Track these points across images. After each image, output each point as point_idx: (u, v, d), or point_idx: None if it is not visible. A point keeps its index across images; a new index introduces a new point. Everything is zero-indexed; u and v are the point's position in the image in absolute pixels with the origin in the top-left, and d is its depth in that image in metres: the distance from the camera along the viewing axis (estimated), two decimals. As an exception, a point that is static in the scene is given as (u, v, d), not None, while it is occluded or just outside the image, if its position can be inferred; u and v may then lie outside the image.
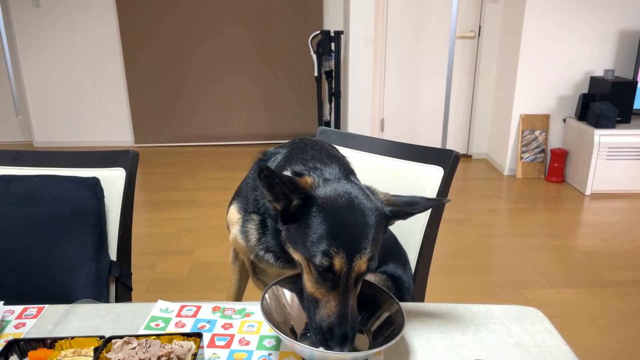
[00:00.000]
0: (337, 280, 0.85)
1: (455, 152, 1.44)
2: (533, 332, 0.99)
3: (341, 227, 0.85)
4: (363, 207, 0.88)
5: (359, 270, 0.85)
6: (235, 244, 1.18)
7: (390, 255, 1.35)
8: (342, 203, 0.88)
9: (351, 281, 0.86)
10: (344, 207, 0.87)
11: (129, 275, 1.44)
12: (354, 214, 0.87)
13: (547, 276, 2.82)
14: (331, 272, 0.85)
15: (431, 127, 4.82)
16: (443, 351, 0.94)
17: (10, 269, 1.35)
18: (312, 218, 0.87)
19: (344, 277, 0.85)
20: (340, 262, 0.84)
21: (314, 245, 0.85)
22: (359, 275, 0.87)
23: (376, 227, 0.88)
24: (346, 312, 0.85)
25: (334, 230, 0.85)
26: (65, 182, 1.38)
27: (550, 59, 4.18)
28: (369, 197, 0.92)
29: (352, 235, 0.85)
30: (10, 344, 0.88)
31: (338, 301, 0.85)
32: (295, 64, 5.05)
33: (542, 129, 4.32)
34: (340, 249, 0.84)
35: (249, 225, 1.12)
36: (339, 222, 0.86)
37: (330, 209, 0.87)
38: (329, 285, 0.86)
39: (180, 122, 5.25)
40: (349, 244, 0.85)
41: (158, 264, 2.91)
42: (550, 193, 4.13)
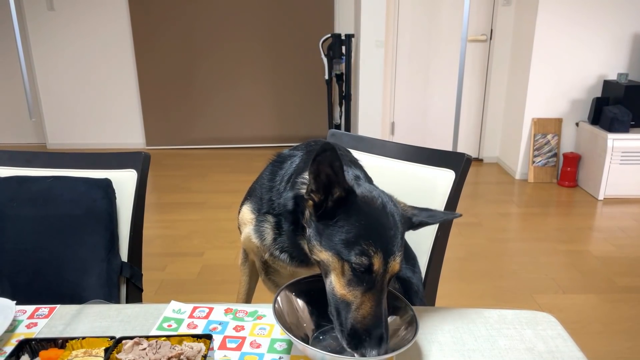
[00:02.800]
0: (373, 281, 0.85)
1: (466, 155, 1.43)
2: (546, 338, 0.98)
3: (379, 228, 0.86)
4: (394, 211, 0.90)
5: (392, 271, 0.87)
6: (248, 243, 1.18)
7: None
8: (378, 204, 0.89)
9: (385, 282, 0.87)
10: (380, 209, 0.88)
11: (139, 276, 1.45)
12: (388, 216, 0.88)
13: (559, 281, 2.79)
14: (368, 273, 0.84)
15: (442, 131, 4.80)
16: (454, 356, 0.93)
17: (22, 269, 1.36)
18: (351, 216, 0.86)
19: (379, 277, 0.85)
20: (379, 261, 0.84)
21: (352, 244, 0.84)
22: (392, 276, 0.88)
23: (403, 232, 0.91)
24: (381, 312, 0.85)
25: (373, 231, 0.85)
26: (78, 183, 1.39)
27: (562, 62, 4.14)
28: (395, 203, 0.94)
29: (388, 237, 0.86)
30: (22, 343, 0.89)
31: (374, 302, 0.85)
32: (305, 67, 5.05)
33: (554, 133, 4.28)
34: (379, 249, 0.84)
35: (264, 225, 1.11)
36: (377, 222, 0.87)
37: (369, 208, 0.88)
38: (365, 286, 0.85)
39: (191, 125, 5.28)
40: (385, 244, 0.85)
41: (168, 265, 2.92)
42: (563, 197, 4.09)
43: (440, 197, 1.45)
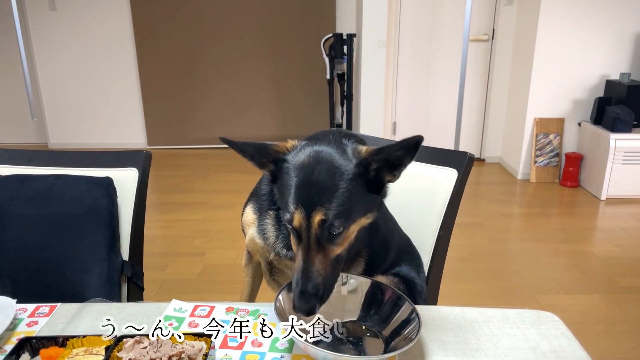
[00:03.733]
0: (300, 236, 0.89)
1: (469, 154, 1.42)
2: (549, 337, 0.97)
3: (303, 185, 0.88)
4: (330, 165, 0.89)
5: (315, 226, 0.87)
6: (253, 244, 1.17)
7: (404, 257, 1.34)
8: (308, 162, 0.90)
9: (312, 237, 0.87)
10: (309, 166, 0.89)
11: (140, 275, 1.44)
12: (317, 172, 0.88)
13: (561, 282, 2.78)
14: (293, 228, 0.89)
15: (444, 131, 4.80)
16: (457, 355, 0.92)
17: (23, 268, 1.36)
18: (283, 179, 0.91)
19: (305, 233, 0.88)
20: (299, 217, 0.87)
21: (284, 203, 0.91)
22: (321, 231, 0.87)
23: (344, 184, 0.87)
24: (307, 268, 0.87)
25: (296, 188, 0.88)
26: (79, 182, 1.39)
27: (565, 62, 4.13)
28: (346, 156, 0.90)
29: (313, 192, 0.87)
30: (22, 342, 0.88)
31: (301, 257, 0.89)
32: (307, 67, 5.05)
33: (556, 133, 4.27)
34: (299, 204, 0.87)
35: (266, 223, 1.11)
36: (301, 180, 0.89)
37: (296, 168, 0.90)
38: (296, 241, 0.90)
39: (192, 125, 5.28)
40: (308, 200, 0.87)
41: (169, 265, 2.92)
42: (565, 198, 4.08)
43: (442, 197, 1.44)
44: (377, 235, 1.24)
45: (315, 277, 0.88)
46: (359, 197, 0.89)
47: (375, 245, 1.22)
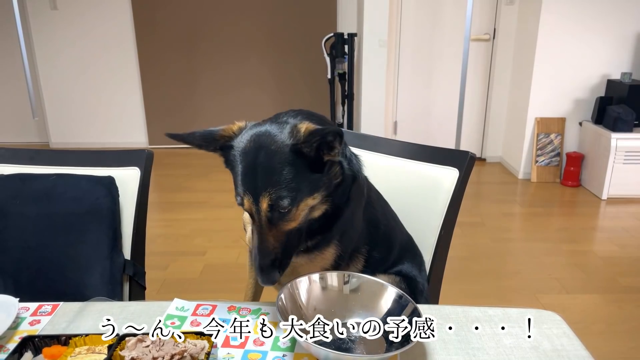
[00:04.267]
0: (254, 218, 0.95)
1: (470, 154, 1.43)
2: (551, 337, 0.97)
3: (247, 171, 0.93)
4: (268, 149, 0.92)
5: (264, 209, 0.92)
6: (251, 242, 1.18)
7: (406, 255, 1.34)
8: (249, 148, 0.94)
9: (263, 219, 0.94)
10: (251, 152, 0.93)
11: (142, 274, 1.44)
12: (259, 155, 0.92)
13: (562, 281, 2.78)
14: (249, 212, 0.95)
15: (445, 130, 4.80)
16: (459, 354, 0.92)
17: (25, 267, 1.36)
18: (231, 164, 0.96)
19: (256, 215, 0.94)
20: (248, 202, 0.93)
21: (235, 187, 0.95)
22: (270, 213, 0.93)
23: (285, 166, 0.91)
24: (262, 246, 0.94)
25: (242, 174, 0.93)
26: (81, 181, 1.39)
27: (566, 61, 4.13)
28: (284, 137, 0.93)
29: (257, 178, 0.92)
30: (25, 340, 0.88)
31: (257, 237, 0.95)
32: (308, 67, 5.05)
33: (557, 133, 4.27)
34: (246, 190, 0.93)
35: None
36: (245, 166, 0.93)
37: (240, 154, 0.94)
38: (251, 221, 0.97)
39: (193, 124, 5.27)
40: (253, 185, 0.92)
41: (170, 264, 2.92)
42: (566, 197, 4.08)
43: (444, 196, 1.44)
44: (376, 231, 1.24)
45: (270, 253, 0.95)
46: (301, 176, 0.93)
47: (375, 242, 1.23)
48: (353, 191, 1.09)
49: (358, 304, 1.00)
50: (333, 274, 1.02)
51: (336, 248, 1.10)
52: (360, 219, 1.17)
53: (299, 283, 0.98)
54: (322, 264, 1.10)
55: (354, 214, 1.13)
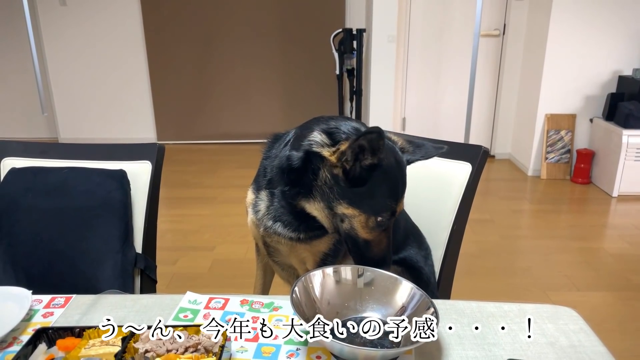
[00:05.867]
0: (388, 224, 1.04)
1: (484, 148, 1.41)
2: (568, 332, 0.96)
3: (396, 184, 1.04)
4: (400, 160, 1.05)
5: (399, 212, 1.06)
6: (250, 224, 1.22)
7: (412, 242, 1.33)
8: (391, 161, 1.02)
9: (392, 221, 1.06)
10: (394, 164, 1.03)
11: (154, 267, 1.44)
12: (399, 168, 1.04)
13: (573, 279, 2.76)
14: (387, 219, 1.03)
15: (453, 127, 4.77)
16: (474, 349, 0.91)
17: (37, 260, 1.36)
18: (378, 177, 1.00)
19: (393, 220, 1.06)
20: (397, 210, 1.04)
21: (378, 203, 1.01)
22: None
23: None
24: (390, 242, 1.07)
25: (393, 188, 1.03)
26: (93, 174, 1.39)
27: (577, 57, 4.09)
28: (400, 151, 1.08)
29: (401, 189, 1.05)
30: (39, 332, 0.88)
31: (388, 239, 1.06)
32: (316, 62, 5.03)
33: (568, 129, 4.23)
34: (396, 201, 1.03)
35: (259, 199, 1.16)
36: (394, 180, 1.03)
37: (388, 167, 1.01)
38: (381, 229, 1.04)
39: (201, 120, 5.28)
40: (399, 196, 1.05)
41: (179, 259, 2.93)
42: (576, 194, 4.05)
43: (456, 190, 1.43)
44: None
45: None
46: None
47: None
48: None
49: (372, 298, 0.99)
50: (347, 268, 1.01)
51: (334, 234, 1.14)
52: None
53: (313, 277, 0.97)
54: (320, 248, 1.15)
55: None
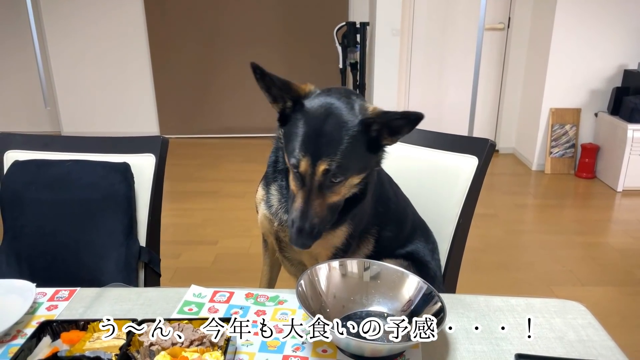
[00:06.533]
0: (303, 180, 0.97)
1: (490, 141, 1.40)
2: (576, 327, 0.95)
3: (312, 134, 0.96)
4: (339, 119, 0.96)
5: (319, 174, 0.95)
6: (262, 220, 1.20)
7: (419, 236, 1.32)
8: (320, 113, 0.97)
9: (315, 183, 0.97)
10: (321, 117, 0.96)
11: (157, 261, 1.44)
12: (327, 123, 0.96)
13: (577, 274, 2.75)
14: (298, 172, 0.97)
15: (457, 121, 4.74)
16: (482, 344, 0.90)
17: (41, 253, 1.36)
18: (293, 123, 0.98)
19: (308, 178, 0.96)
20: (305, 164, 0.95)
21: (292, 147, 0.97)
22: (322, 179, 0.96)
23: (349, 139, 0.96)
24: (306, 209, 0.97)
25: (305, 136, 0.96)
26: (96, 167, 1.38)
27: (582, 51, 4.06)
28: (353, 112, 0.98)
29: (320, 143, 0.95)
30: (43, 325, 0.88)
31: (302, 198, 0.98)
32: (319, 56, 5.01)
33: (572, 124, 4.21)
34: (307, 153, 0.95)
35: (271, 194, 1.16)
36: (311, 129, 0.96)
37: (309, 116, 0.97)
38: (299, 184, 0.98)
39: (204, 114, 5.27)
40: (315, 149, 0.95)
41: (183, 253, 2.92)
42: (580, 189, 4.03)
43: (462, 184, 1.42)
44: (387, 211, 1.23)
45: (312, 218, 0.97)
46: (359, 152, 0.98)
47: (384, 222, 1.23)
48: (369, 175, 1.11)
49: (378, 292, 0.98)
50: (353, 261, 1.01)
51: (348, 227, 1.12)
52: (370, 200, 1.17)
53: (319, 270, 0.97)
54: (333, 242, 1.12)
55: (367, 195, 1.14)
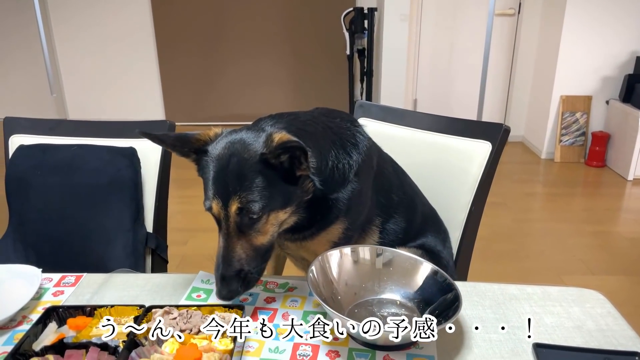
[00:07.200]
0: (220, 223, 0.92)
1: (505, 126, 1.37)
2: (595, 316, 0.92)
3: (218, 176, 0.90)
4: (242, 154, 0.90)
5: (232, 214, 0.89)
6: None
7: (430, 227, 1.29)
8: (222, 154, 0.91)
9: (231, 225, 0.90)
10: (223, 158, 0.90)
11: (165, 247, 1.42)
12: (231, 161, 0.90)
13: (587, 263, 2.71)
14: (213, 216, 0.92)
15: (466, 108, 4.68)
16: (498, 333, 0.88)
17: (48, 239, 1.34)
18: (203, 170, 0.93)
19: (224, 221, 0.90)
20: (217, 206, 0.89)
21: (205, 192, 0.92)
22: (239, 219, 0.89)
23: (255, 174, 0.89)
24: (227, 254, 0.91)
25: (213, 179, 0.90)
26: (102, 151, 1.36)
27: (593, 37, 3.98)
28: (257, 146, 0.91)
29: (228, 182, 0.89)
30: (49, 311, 0.86)
31: (221, 244, 0.92)
32: (327, 42, 4.95)
33: (583, 111, 4.14)
34: (216, 194, 0.89)
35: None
36: (217, 171, 0.90)
37: (213, 160, 0.91)
38: (218, 228, 0.93)
39: (210, 101, 5.24)
40: (223, 190, 0.89)
41: (190, 240, 2.91)
42: (590, 178, 3.98)
43: (475, 170, 1.39)
44: (389, 202, 1.19)
45: (235, 262, 0.90)
46: (273, 186, 0.90)
47: (388, 213, 1.18)
48: (360, 166, 1.05)
49: (391, 279, 0.96)
50: (365, 248, 0.98)
51: (342, 222, 1.05)
52: (368, 192, 1.12)
53: (330, 256, 0.94)
54: (329, 238, 1.06)
55: (361, 189, 1.07)
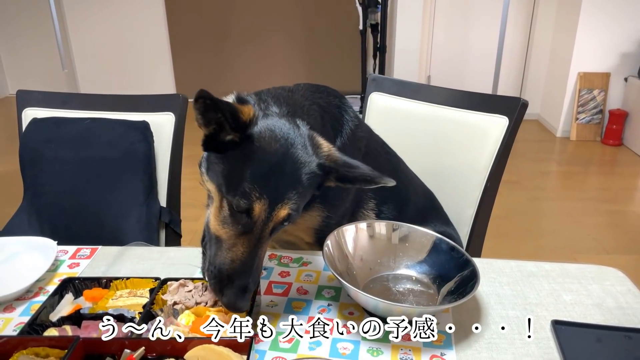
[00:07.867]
0: (251, 225, 0.78)
1: (522, 100, 1.34)
2: (615, 294, 0.91)
3: (269, 174, 0.78)
4: (296, 158, 0.80)
5: (277, 220, 0.78)
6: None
7: (430, 215, 1.26)
8: (276, 149, 0.79)
9: (267, 230, 0.79)
10: (277, 154, 0.79)
11: (178, 221, 1.42)
12: (285, 163, 0.79)
13: (602, 242, 2.69)
14: (248, 216, 0.77)
15: (481, 85, 4.59)
16: (515, 309, 0.87)
17: (62, 211, 1.35)
18: (243, 155, 0.79)
19: (260, 224, 0.78)
20: (261, 208, 0.77)
21: (237, 182, 0.77)
22: (277, 226, 0.79)
23: (306, 181, 0.80)
24: (253, 263, 0.78)
25: (261, 175, 0.77)
26: (115, 125, 1.36)
27: (613, 13, 3.87)
28: (307, 148, 0.82)
29: (279, 184, 0.78)
30: (66, 282, 0.87)
31: (247, 248, 0.78)
32: (339, 17, 4.87)
33: (601, 89, 4.05)
34: (264, 194, 0.76)
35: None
36: (269, 167, 0.78)
37: (264, 153, 0.79)
38: (240, 228, 0.78)
39: (221, 77, 5.21)
40: (275, 191, 0.77)
41: (202, 216, 2.91)
42: (607, 156, 3.92)
43: (491, 146, 1.37)
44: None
45: (257, 273, 0.80)
46: (308, 194, 0.83)
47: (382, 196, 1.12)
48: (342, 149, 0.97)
49: (406, 255, 0.95)
50: (381, 223, 0.97)
51: (319, 210, 0.99)
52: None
53: (345, 231, 0.93)
54: (308, 225, 1.01)
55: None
